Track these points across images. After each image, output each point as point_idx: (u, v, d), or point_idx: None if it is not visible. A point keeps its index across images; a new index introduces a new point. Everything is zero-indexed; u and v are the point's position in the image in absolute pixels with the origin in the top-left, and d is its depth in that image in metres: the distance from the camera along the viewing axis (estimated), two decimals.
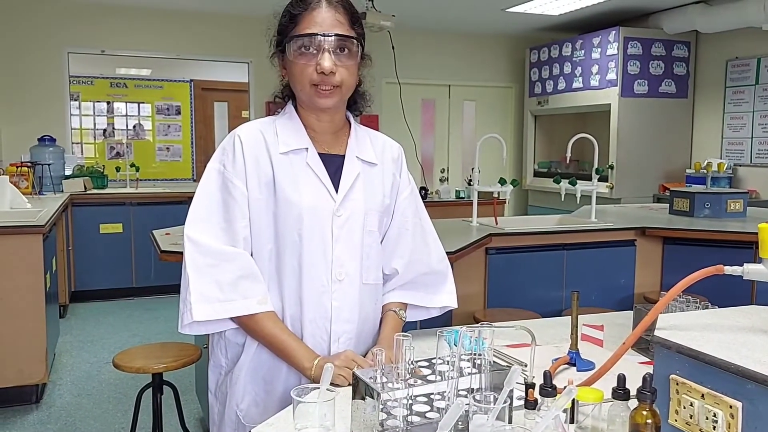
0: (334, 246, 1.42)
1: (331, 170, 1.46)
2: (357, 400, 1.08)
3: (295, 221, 1.40)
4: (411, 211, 1.58)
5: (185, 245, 1.38)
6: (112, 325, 5.19)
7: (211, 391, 1.53)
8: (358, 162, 1.49)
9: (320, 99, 1.40)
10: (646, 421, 0.96)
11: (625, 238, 3.74)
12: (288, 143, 1.44)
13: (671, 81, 6.18)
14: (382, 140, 1.59)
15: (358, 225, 1.45)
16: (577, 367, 1.41)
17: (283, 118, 1.49)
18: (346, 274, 1.43)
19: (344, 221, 1.43)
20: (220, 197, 1.41)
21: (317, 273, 1.41)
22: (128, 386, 3.77)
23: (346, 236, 1.43)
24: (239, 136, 1.43)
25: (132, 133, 7.79)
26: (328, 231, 1.42)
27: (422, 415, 1.07)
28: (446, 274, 1.63)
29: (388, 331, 1.49)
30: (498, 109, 7.72)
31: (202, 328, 1.40)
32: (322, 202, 1.42)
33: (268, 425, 1.14)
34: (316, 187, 1.43)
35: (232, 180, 1.40)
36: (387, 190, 1.53)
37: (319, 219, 1.41)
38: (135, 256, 5.93)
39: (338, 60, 1.38)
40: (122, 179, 6.44)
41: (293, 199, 1.40)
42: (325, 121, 1.48)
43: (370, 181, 1.50)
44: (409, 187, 1.60)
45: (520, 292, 3.47)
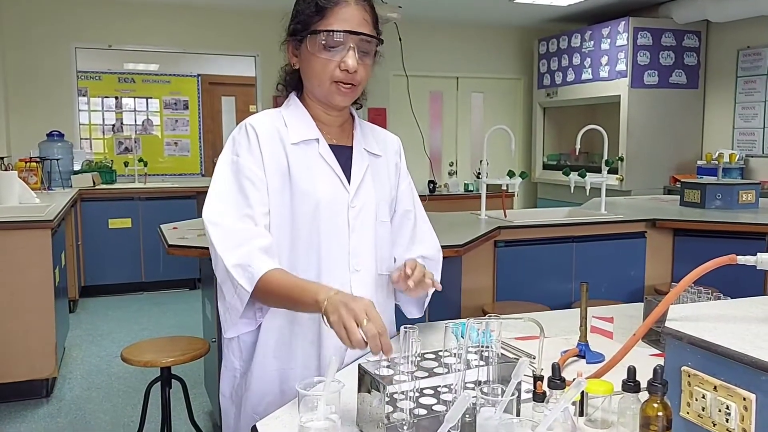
0: (351, 237, 1.42)
1: (341, 162, 1.45)
2: (363, 393, 1.07)
3: (311, 213, 1.39)
4: (409, 201, 1.59)
5: (208, 230, 1.35)
6: (121, 320, 5.21)
7: (225, 395, 1.50)
8: (366, 154, 1.50)
9: (339, 96, 1.40)
10: (657, 413, 0.94)
11: (636, 230, 3.71)
12: (299, 133, 1.43)
13: (682, 71, 6.12)
14: (382, 133, 1.60)
15: (371, 216, 1.45)
16: (587, 360, 1.39)
17: (289, 109, 1.47)
18: (363, 265, 1.43)
19: (358, 212, 1.43)
20: (237, 184, 1.37)
21: (335, 265, 1.41)
22: (137, 380, 3.78)
23: (361, 227, 1.44)
24: (252, 125, 1.41)
25: (140, 128, 7.81)
26: (344, 222, 1.42)
27: (429, 408, 1.05)
28: (438, 262, 1.60)
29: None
30: (507, 102, 7.67)
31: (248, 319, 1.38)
32: (337, 193, 1.42)
33: (273, 418, 1.13)
34: (330, 178, 1.42)
35: (249, 167, 1.37)
36: (392, 181, 1.55)
37: (336, 210, 1.41)
38: (144, 250, 5.94)
39: (360, 59, 1.37)
40: (130, 174, 6.45)
41: (309, 190, 1.39)
42: (333, 115, 1.48)
43: (377, 172, 1.51)
44: (408, 178, 1.62)
45: (529, 284, 3.45)
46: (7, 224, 3.52)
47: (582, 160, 6.73)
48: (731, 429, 0.94)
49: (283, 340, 1.41)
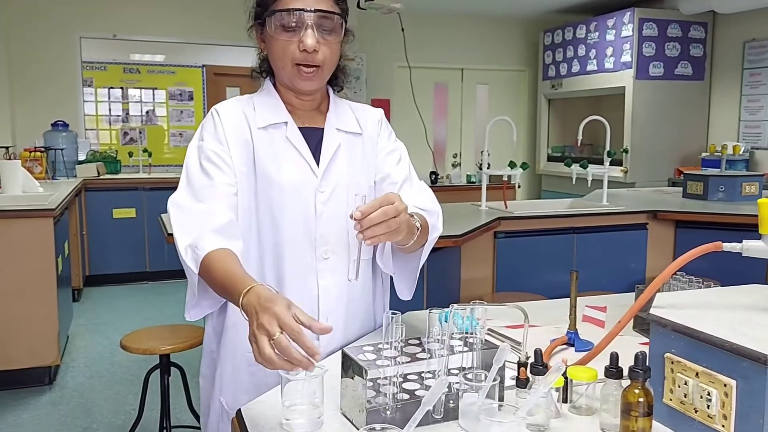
0: (318, 223, 1.38)
1: (312, 144, 1.41)
2: (346, 378, 1.07)
3: (275, 199, 1.36)
4: (394, 169, 1.48)
5: (170, 213, 1.34)
6: (125, 309, 5.24)
7: (203, 376, 1.51)
8: (338, 134, 1.44)
9: (302, 81, 1.37)
10: (638, 399, 0.95)
11: (637, 221, 3.69)
12: (266, 117, 1.40)
13: (687, 63, 6.07)
14: (363, 109, 1.53)
15: (342, 200, 1.40)
16: (576, 348, 1.39)
17: (261, 95, 1.46)
18: (332, 252, 1.39)
19: (328, 197, 1.39)
20: (200, 167, 1.36)
21: (300, 252, 1.37)
22: (139, 368, 3.80)
23: (331, 213, 1.39)
24: (217, 110, 1.40)
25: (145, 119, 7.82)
26: (311, 208, 1.38)
27: (411, 393, 1.06)
28: (439, 214, 1.45)
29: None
30: (511, 93, 7.64)
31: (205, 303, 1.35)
32: (303, 177, 1.38)
33: (258, 403, 1.14)
34: (296, 162, 1.38)
35: (213, 150, 1.36)
36: (375, 161, 1.48)
37: (301, 196, 1.37)
38: (148, 240, 5.97)
39: (321, 37, 1.33)
40: (135, 165, 6.47)
41: (273, 176, 1.36)
42: (306, 99, 1.44)
43: (354, 152, 1.45)
44: (391, 146, 1.51)
45: (528, 276, 3.44)
46: (9, 213, 3.54)
47: (587, 152, 6.70)
48: (712, 415, 0.94)
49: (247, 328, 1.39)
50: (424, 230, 1.31)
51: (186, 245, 1.28)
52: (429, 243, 1.36)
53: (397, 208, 1.15)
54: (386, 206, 1.13)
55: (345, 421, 1.06)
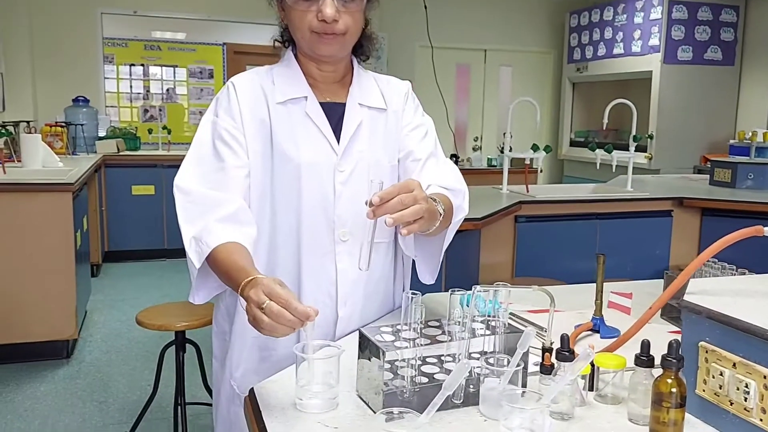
0: (336, 204, 1.33)
1: (333, 120, 1.35)
2: (363, 359, 1.03)
3: (292, 178, 1.31)
4: (417, 146, 1.41)
5: (175, 196, 1.30)
6: (143, 285, 5.26)
7: (216, 358, 1.48)
8: (361, 109, 1.38)
9: (321, 46, 1.30)
10: (670, 389, 0.89)
11: (662, 208, 3.61)
12: (285, 92, 1.34)
13: (717, 47, 5.91)
14: (389, 81, 1.46)
15: (363, 180, 1.34)
16: (601, 334, 1.34)
17: (280, 66, 1.40)
18: (351, 234, 1.33)
19: (348, 176, 1.33)
20: (213, 147, 1.31)
21: (318, 234, 1.32)
22: (155, 344, 3.81)
23: (350, 193, 1.33)
24: (233, 84, 1.35)
25: (165, 96, 7.82)
26: (329, 188, 1.32)
27: (430, 377, 1.02)
28: (465, 193, 1.39)
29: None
30: (535, 76, 7.50)
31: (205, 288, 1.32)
32: (322, 156, 1.32)
33: (271, 382, 1.10)
34: (315, 139, 1.33)
35: (227, 128, 1.31)
36: (398, 138, 1.42)
37: (319, 175, 1.32)
38: (167, 218, 5.98)
39: (341, 5, 1.27)
40: (155, 142, 6.47)
41: (291, 154, 1.31)
42: (327, 71, 1.38)
43: (377, 129, 1.39)
44: (417, 122, 1.44)
45: (549, 261, 3.38)
46: (29, 186, 3.55)
47: (611, 137, 6.57)
48: (749, 408, 0.88)
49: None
50: (448, 213, 1.24)
51: (191, 236, 1.24)
52: (453, 225, 1.30)
53: (416, 196, 1.08)
54: (404, 195, 1.07)
55: (360, 403, 1.02)
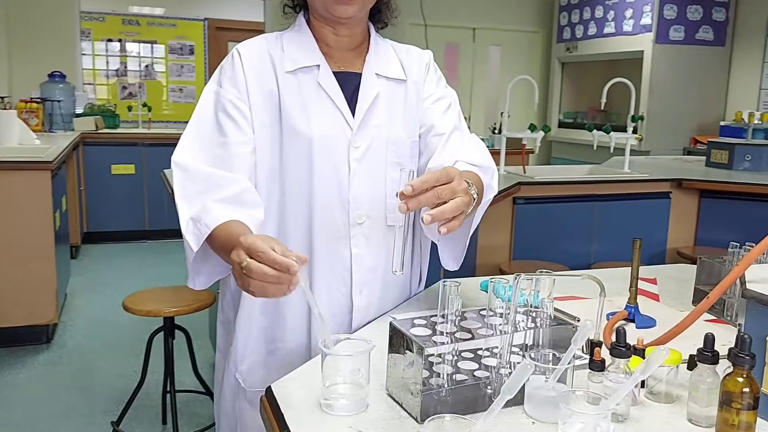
0: (351, 183, 1.21)
1: (348, 92, 1.23)
2: (394, 354, 0.93)
3: (303, 155, 1.20)
4: (439, 120, 1.30)
5: (173, 173, 1.18)
6: (125, 268, 5.11)
7: (219, 349, 1.37)
8: (379, 80, 1.26)
9: (338, 6, 1.18)
10: (742, 389, 0.81)
11: (660, 190, 3.54)
12: (296, 59, 1.22)
13: (709, 27, 5.84)
14: (408, 51, 1.35)
15: (380, 157, 1.23)
16: (636, 324, 1.25)
17: (291, 32, 1.28)
18: (367, 216, 1.23)
19: (363, 153, 1.22)
20: (215, 119, 1.20)
21: (331, 216, 1.21)
22: (141, 330, 3.68)
23: (366, 171, 1.22)
24: (238, 51, 1.23)
25: (144, 73, 7.59)
26: (343, 165, 1.21)
27: (470, 374, 0.92)
28: (494, 171, 1.28)
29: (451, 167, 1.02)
30: (524, 55, 7.39)
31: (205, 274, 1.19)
32: (335, 130, 1.21)
33: (289, 380, 1.00)
34: (329, 112, 1.21)
35: (231, 100, 1.19)
36: (419, 111, 1.31)
37: (333, 151, 1.21)
38: (148, 198, 5.82)
39: None
40: (134, 120, 6.27)
41: (301, 128, 1.19)
42: (343, 35, 1.26)
43: (396, 101, 1.28)
44: (439, 94, 1.33)
45: (547, 244, 3.31)
46: (5, 164, 3.38)
47: (600, 118, 6.50)
48: None
49: (268, 301, 1.24)
50: (479, 195, 1.13)
51: (188, 217, 1.11)
52: (482, 206, 1.19)
53: (454, 188, 0.96)
54: (441, 187, 0.95)
55: (392, 403, 0.93)
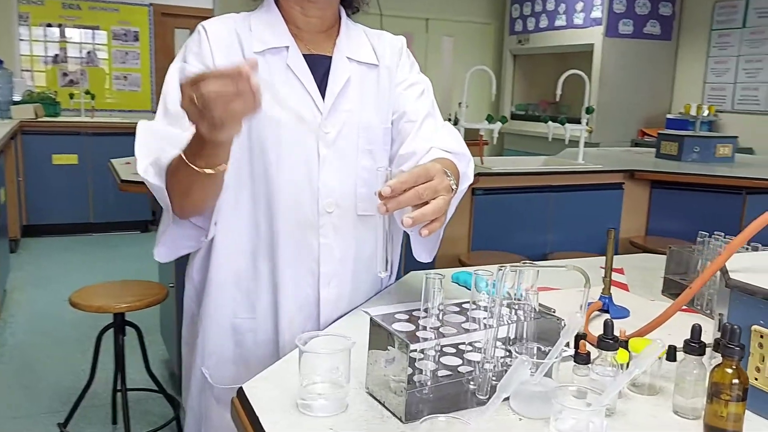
0: (321, 170, 1.17)
1: (318, 76, 1.18)
2: (375, 350, 0.89)
3: (272, 140, 1.15)
4: (412, 106, 1.25)
5: (136, 136, 1.10)
6: (69, 262, 4.91)
7: (184, 342, 1.31)
8: (350, 64, 1.21)
9: None
10: (731, 381, 0.80)
11: (613, 180, 3.60)
12: (265, 40, 1.17)
13: (656, 21, 5.98)
14: (381, 36, 1.30)
15: (351, 143, 1.19)
16: (611, 314, 1.24)
17: (259, 12, 1.22)
18: (337, 205, 1.18)
19: (334, 139, 1.17)
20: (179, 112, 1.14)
21: (299, 204, 1.17)
22: (89, 327, 3.52)
23: (336, 157, 1.18)
24: (204, 28, 1.16)
25: (86, 60, 7.29)
26: (313, 151, 1.16)
27: (453, 370, 0.89)
28: (470, 159, 1.25)
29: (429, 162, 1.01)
30: (477, 47, 7.42)
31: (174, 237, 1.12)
32: (305, 114, 1.16)
33: (261, 379, 0.94)
34: (298, 95, 1.16)
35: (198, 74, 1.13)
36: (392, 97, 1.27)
37: (302, 136, 1.16)
38: (92, 189, 5.59)
39: None
40: (76, 108, 6.02)
41: (269, 111, 1.12)
42: (313, 17, 1.20)
43: (368, 87, 1.23)
44: (412, 80, 1.28)
45: (505, 235, 3.32)
46: None
47: (551, 110, 6.59)
48: None
49: (238, 284, 1.20)
50: (456, 184, 1.06)
51: (147, 164, 1.05)
52: (458, 195, 1.16)
53: (436, 187, 0.91)
54: (422, 186, 0.90)
55: (373, 402, 0.88)
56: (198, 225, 1.13)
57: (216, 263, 1.20)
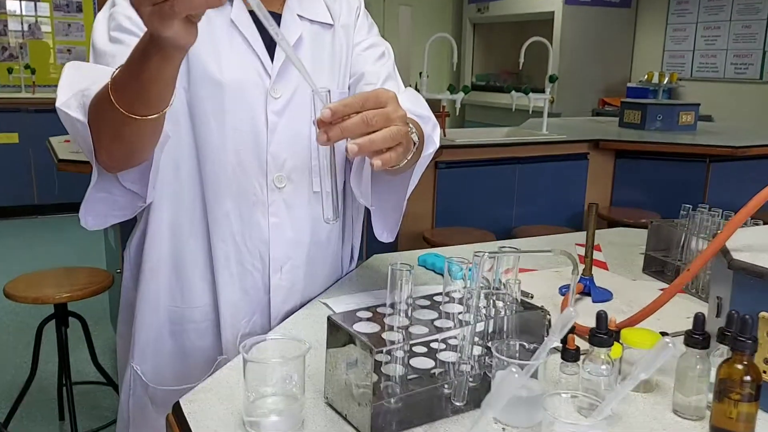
0: (270, 140, 1.03)
1: (266, 34, 1.01)
2: (333, 354, 0.76)
3: (213, 104, 1.00)
4: (371, 69, 1.13)
5: (61, 77, 0.91)
6: (11, 247, 4.64)
7: (120, 335, 1.17)
8: (301, 22, 1.07)
9: None
10: (742, 378, 0.70)
11: (578, 151, 3.52)
12: None
13: None
14: None
15: (304, 110, 1.04)
16: (593, 298, 1.14)
17: None
18: (288, 179, 1.05)
19: (284, 105, 1.03)
20: (108, 38, 0.97)
21: (245, 178, 1.03)
22: (30, 316, 3.32)
23: (287, 125, 1.04)
24: None
25: (27, 33, 6.89)
26: (260, 118, 1.02)
27: (426, 374, 0.77)
28: (435, 123, 1.11)
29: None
30: (436, 16, 7.26)
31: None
32: (251, 76, 1.02)
33: (203, 390, 0.81)
34: (243, 55, 1.02)
35: (129, 16, 0.96)
36: (349, 59, 1.14)
37: (247, 102, 1.02)
38: (35, 169, 5.30)
39: None
40: (16, 84, 5.67)
41: (211, 73, 0.99)
42: None
43: (322, 48, 1.09)
44: (371, 41, 1.15)
45: (470, 209, 3.22)
46: None
47: (511, 81, 6.50)
48: None
49: (175, 267, 1.07)
50: (420, 144, 0.95)
51: (68, 96, 0.86)
52: (423, 161, 1.02)
53: (388, 114, 0.77)
54: (371, 111, 0.76)
55: (333, 414, 0.76)
56: (132, 190, 0.97)
57: (151, 243, 1.06)
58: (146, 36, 0.73)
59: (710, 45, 5.44)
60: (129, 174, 0.94)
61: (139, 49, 0.75)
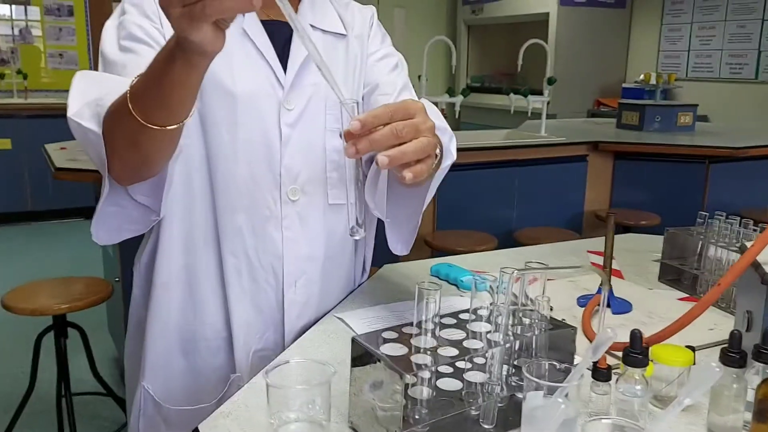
0: (284, 152, 1.01)
1: (278, 45, 1.02)
2: (359, 377, 0.74)
3: (227, 116, 0.98)
4: (385, 80, 1.12)
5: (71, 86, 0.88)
6: (5, 254, 4.59)
7: (128, 356, 1.14)
8: (314, 32, 1.05)
9: None
10: None
11: (578, 153, 3.51)
12: None
13: None
14: (348, 5, 1.14)
15: (317, 122, 1.03)
16: (612, 309, 1.12)
17: None
18: (303, 193, 1.03)
19: (297, 116, 1.01)
20: (118, 47, 0.95)
21: (258, 192, 1.01)
22: (27, 326, 3.26)
23: (301, 138, 1.02)
24: None
25: (18, 37, 6.83)
26: (274, 131, 1.00)
27: (455, 397, 0.74)
28: (452, 134, 1.11)
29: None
30: (430, 18, 7.24)
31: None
32: (264, 87, 1.00)
33: (222, 416, 0.78)
34: (255, 66, 1.00)
35: (140, 24, 0.95)
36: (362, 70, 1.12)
37: (260, 113, 1.00)
38: (29, 175, 5.25)
39: None
40: (8, 89, 5.62)
41: (223, 82, 0.97)
42: None
43: (335, 58, 1.07)
44: (384, 51, 1.14)
45: (470, 212, 3.20)
46: None
47: (507, 82, 6.49)
48: None
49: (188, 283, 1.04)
50: (441, 155, 0.92)
51: (80, 106, 0.84)
52: (440, 173, 1.00)
53: (417, 126, 0.74)
54: (400, 123, 0.73)
55: None
56: (144, 204, 0.94)
57: (162, 258, 1.03)
58: (171, 41, 0.71)
59: (705, 45, 5.44)
60: (140, 187, 0.91)
61: (162, 55, 0.72)
